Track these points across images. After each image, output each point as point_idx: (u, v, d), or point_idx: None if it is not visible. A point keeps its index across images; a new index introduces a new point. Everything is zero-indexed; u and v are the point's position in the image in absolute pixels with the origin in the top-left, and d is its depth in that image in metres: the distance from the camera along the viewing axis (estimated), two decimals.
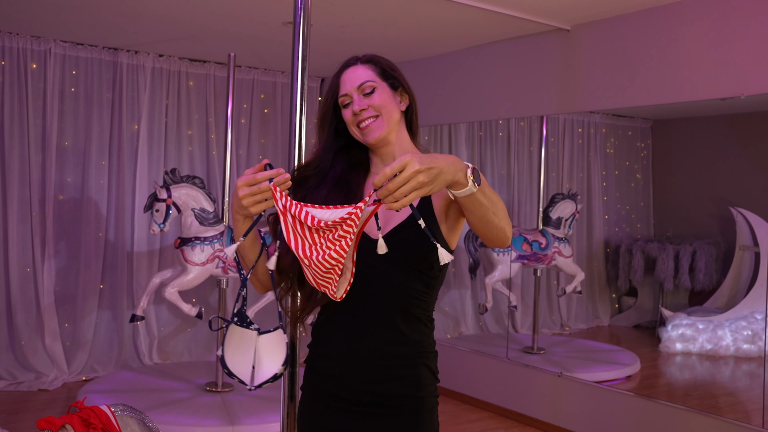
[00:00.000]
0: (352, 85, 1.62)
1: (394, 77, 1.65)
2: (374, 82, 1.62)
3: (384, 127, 1.62)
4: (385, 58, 1.70)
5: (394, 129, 1.64)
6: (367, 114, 1.61)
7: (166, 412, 4.14)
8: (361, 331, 1.57)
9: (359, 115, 1.61)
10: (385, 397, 1.57)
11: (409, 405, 1.59)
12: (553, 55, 4.55)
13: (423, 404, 1.61)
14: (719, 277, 4.34)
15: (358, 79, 1.62)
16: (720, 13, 3.68)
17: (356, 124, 1.62)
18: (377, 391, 1.57)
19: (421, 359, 1.61)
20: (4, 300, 5.10)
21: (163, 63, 5.65)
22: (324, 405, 1.63)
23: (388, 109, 1.62)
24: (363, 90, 1.61)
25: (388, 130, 1.62)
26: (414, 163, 1.25)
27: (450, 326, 5.65)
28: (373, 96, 1.61)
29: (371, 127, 1.61)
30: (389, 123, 1.62)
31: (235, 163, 5.88)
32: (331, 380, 1.61)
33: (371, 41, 4.97)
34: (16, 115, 5.12)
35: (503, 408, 4.76)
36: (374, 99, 1.61)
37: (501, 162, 5.48)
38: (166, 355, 5.69)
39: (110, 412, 2.30)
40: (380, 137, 1.62)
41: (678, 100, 3.88)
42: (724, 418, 3.62)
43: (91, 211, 5.38)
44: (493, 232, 1.44)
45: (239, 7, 4.22)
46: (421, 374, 1.61)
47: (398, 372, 1.58)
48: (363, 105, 1.60)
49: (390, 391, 1.57)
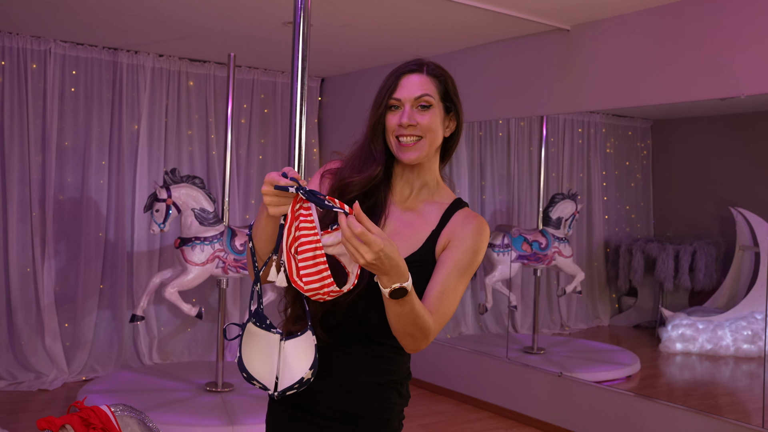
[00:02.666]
0: (410, 93, 1.51)
1: (452, 101, 1.56)
2: (433, 99, 1.52)
3: (423, 151, 1.52)
4: (450, 75, 1.59)
5: (432, 154, 1.56)
6: (412, 131, 1.50)
7: (166, 412, 4.14)
8: (337, 348, 1.52)
9: (404, 128, 1.50)
10: (351, 416, 1.52)
11: (375, 427, 1.54)
12: (553, 55, 4.55)
13: (388, 426, 1.57)
14: (719, 277, 4.34)
15: (418, 89, 1.51)
16: (719, 13, 3.68)
17: (396, 135, 1.52)
18: (345, 410, 1.52)
19: (394, 384, 1.57)
20: (4, 300, 5.10)
21: (163, 63, 5.65)
22: (287, 416, 1.58)
23: (434, 134, 1.53)
24: (418, 103, 1.51)
25: (425, 155, 1.53)
26: (378, 245, 1.22)
27: (450, 326, 5.65)
28: (426, 115, 1.51)
29: (411, 147, 1.51)
30: (430, 148, 1.53)
31: (235, 163, 5.88)
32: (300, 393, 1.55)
33: (371, 41, 4.97)
34: (16, 115, 5.12)
35: (503, 408, 4.76)
36: (425, 118, 1.51)
37: (501, 162, 5.48)
38: (166, 355, 5.69)
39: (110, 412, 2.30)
40: (415, 160, 1.52)
41: (678, 100, 3.88)
42: (724, 418, 3.62)
43: (91, 211, 5.38)
44: (408, 337, 1.39)
45: (239, 7, 4.22)
46: (390, 397, 1.56)
47: (368, 394, 1.53)
48: (412, 120, 1.50)
49: (357, 410, 1.52)
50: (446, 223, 1.54)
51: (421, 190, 1.59)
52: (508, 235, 5.10)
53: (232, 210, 5.84)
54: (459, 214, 1.55)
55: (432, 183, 1.60)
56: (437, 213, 1.56)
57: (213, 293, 5.85)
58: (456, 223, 1.53)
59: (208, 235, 4.58)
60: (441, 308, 1.43)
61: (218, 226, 4.63)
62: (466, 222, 1.53)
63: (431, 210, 1.56)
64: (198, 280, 4.60)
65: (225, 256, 4.61)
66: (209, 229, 4.59)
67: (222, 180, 4.83)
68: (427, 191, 1.59)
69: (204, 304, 5.71)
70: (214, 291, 5.81)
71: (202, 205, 4.58)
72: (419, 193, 1.59)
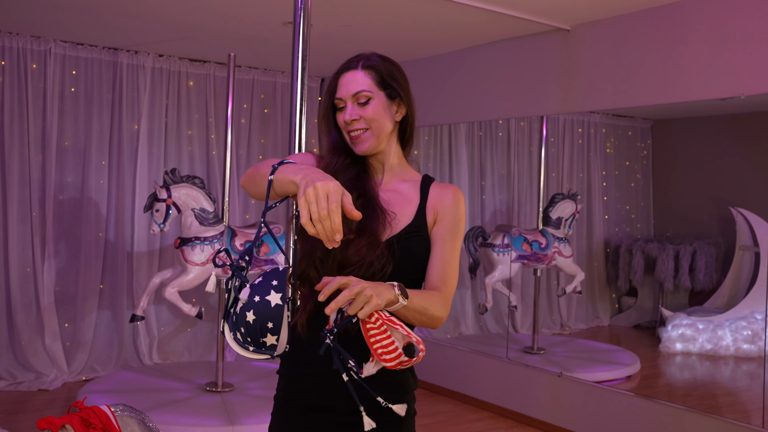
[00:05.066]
0: (348, 91, 1.59)
1: (392, 87, 1.62)
2: (370, 93, 1.59)
3: (372, 141, 1.61)
4: (391, 62, 1.66)
5: (384, 141, 1.64)
6: (357, 125, 1.59)
7: (166, 412, 4.14)
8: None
9: (350, 124, 1.60)
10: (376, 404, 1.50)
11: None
12: (553, 55, 4.55)
13: (410, 409, 1.61)
14: (719, 277, 4.34)
15: (354, 86, 1.59)
16: (720, 13, 3.68)
17: (347, 131, 1.62)
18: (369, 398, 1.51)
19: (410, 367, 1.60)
20: (4, 300, 5.10)
21: (163, 63, 5.65)
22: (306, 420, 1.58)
23: (379, 122, 1.60)
24: (357, 99, 1.59)
25: (376, 143, 1.62)
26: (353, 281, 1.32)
27: (450, 326, 5.66)
28: (367, 107, 1.59)
29: (360, 138, 1.60)
30: (379, 136, 1.61)
31: (235, 163, 5.88)
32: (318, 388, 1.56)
33: (371, 41, 4.97)
34: (16, 115, 5.12)
35: (503, 408, 4.76)
36: (367, 111, 1.59)
37: (501, 162, 5.48)
38: (166, 355, 5.69)
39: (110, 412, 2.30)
40: (367, 150, 1.62)
41: (678, 100, 3.88)
42: (724, 418, 3.62)
43: (91, 211, 5.38)
44: (426, 324, 1.52)
45: (239, 7, 4.22)
46: (407, 380, 1.61)
47: (389, 378, 1.52)
48: (354, 115, 1.59)
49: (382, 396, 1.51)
50: (427, 197, 1.65)
51: (389, 173, 1.69)
52: (508, 235, 5.10)
53: (232, 210, 5.84)
54: (434, 188, 1.67)
55: (396, 165, 1.70)
56: (414, 189, 1.67)
57: (213, 293, 5.85)
58: (435, 195, 1.65)
59: (208, 235, 4.58)
60: (447, 279, 1.58)
61: (218, 226, 4.63)
62: (443, 194, 1.65)
63: (406, 187, 1.67)
64: (198, 280, 4.60)
65: (225, 256, 4.61)
66: (209, 229, 4.59)
67: (222, 180, 4.83)
68: (395, 172, 1.70)
69: (204, 304, 5.71)
70: (214, 291, 5.81)
71: (202, 205, 4.58)
72: (389, 176, 1.69)
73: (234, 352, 5.92)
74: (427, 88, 5.47)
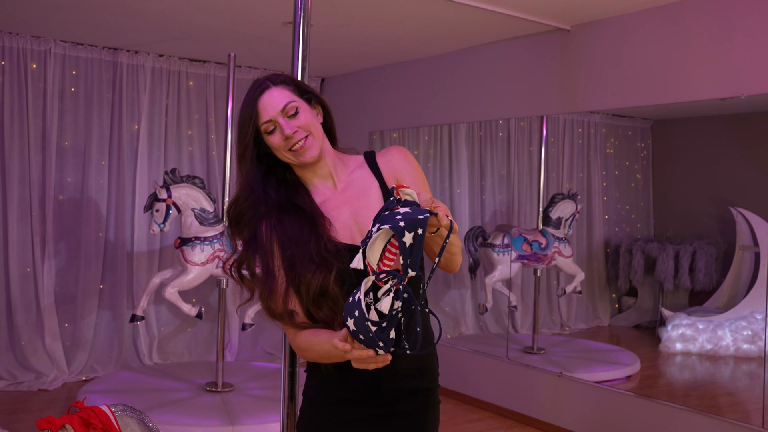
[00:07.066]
0: (275, 109, 1.58)
1: (308, 92, 1.65)
2: (296, 102, 1.60)
3: (317, 144, 1.61)
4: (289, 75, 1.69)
5: (322, 143, 1.65)
6: (299, 136, 1.58)
7: (166, 412, 4.14)
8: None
9: (292, 138, 1.58)
10: (410, 393, 1.58)
11: (429, 397, 1.64)
12: (553, 55, 4.55)
13: (435, 396, 1.67)
14: (719, 277, 4.34)
15: (279, 102, 1.59)
16: (720, 13, 3.68)
17: (288, 148, 1.59)
18: (404, 388, 1.58)
19: (434, 350, 1.66)
20: (4, 300, 5.10)
21: (163, 63, 5.65)
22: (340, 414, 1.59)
23: (315, 125, 1.61)
24: (287, 112, 1.58)
25: (320, 146, 1.62)
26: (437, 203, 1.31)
27: (450, 326, 5.66)
28: (299, 117, 1.59)
29: (306, 146, 1.59)
30: (319, 139, 1.62)
31: (235, 163, 5.87)
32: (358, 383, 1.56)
33: (371, 41, 4.97)
34: (16, 115, 5.12)
35: (503, 408, 4.76)
36: (300, 119, 1.59)
37: (501, 162, 5.48)
38: (166, 355, 5.69)
39: (110, 412, 2.30)
40: (316, 154, 1.61)
41: (678, 100, 3.88)
42: (724, 418, 3.62)
43: (91, 211, 5.38)
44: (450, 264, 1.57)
45: (239, 7, 4.22)
46: (434, 365, 1.67)
47: (420, 364, 1.60)
48: (293, 128, 1.58)
49: (417, 386, 1.59)
50: (381, 172, 1.67)
51: (335, 170, 1.69)
52: (508, 235, 5.10)
53: None
54: (380, 158, 1.70)
55: (339, 161, 1.71)
56: (366, 172, 1.68)
57: (213, 293, 5.85)
58: (385, 165, 1.68)
59: (208, 235, 4.58)
60: None
61: (218, 226, 4.63)
62: (390, 159, 1.68)
63: (358, 174, 1.69)
64: (198, 280, 4.60)
65: (225, 256, 4.61)
66: (209, 229, 4.59)
67: (222, 180, 4.83)
68: (341, 168, 1.70)
69: (204, 304, 5.71)
70: (214, 291, 5.81)
71: (202, 205, 4.58)
72: (339, 173, 1.69)
73: (234, 351, 5.92)
74: (427, 88, 5.47)
